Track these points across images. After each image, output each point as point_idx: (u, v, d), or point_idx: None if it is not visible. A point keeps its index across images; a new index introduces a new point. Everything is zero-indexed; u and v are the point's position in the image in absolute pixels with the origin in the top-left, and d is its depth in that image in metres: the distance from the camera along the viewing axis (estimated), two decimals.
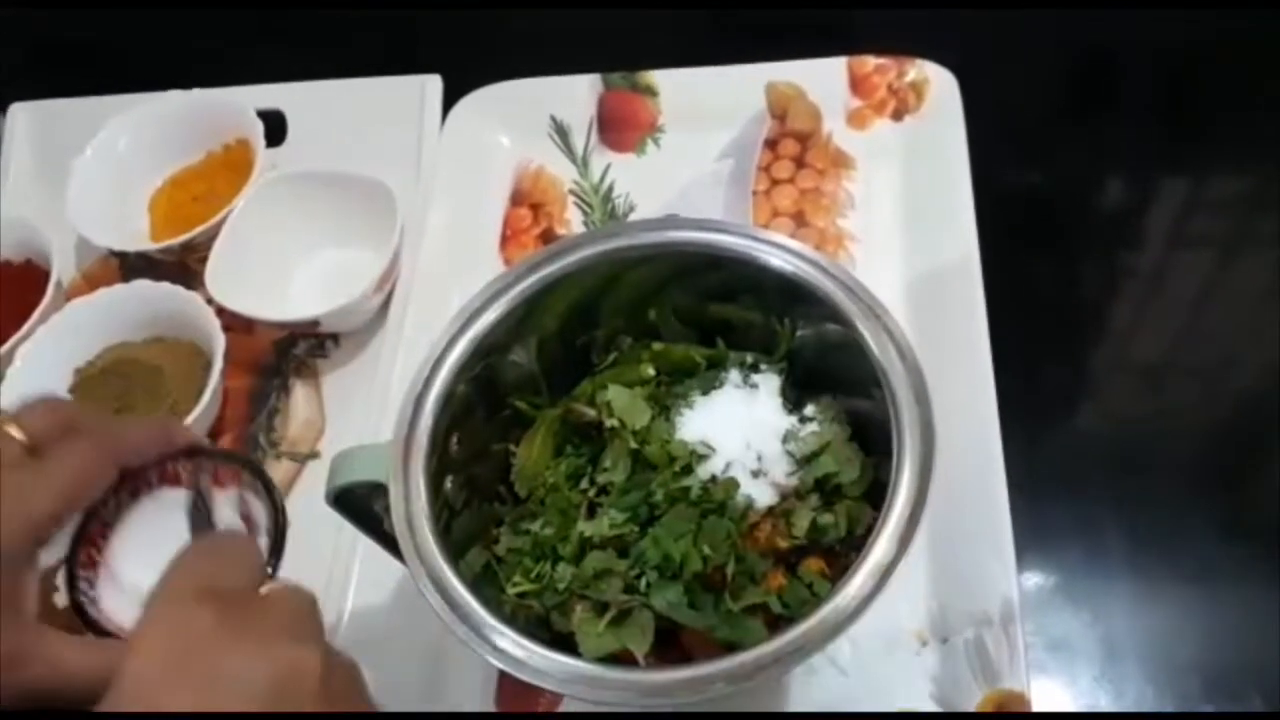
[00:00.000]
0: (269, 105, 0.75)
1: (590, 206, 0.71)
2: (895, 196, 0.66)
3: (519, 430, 0.50)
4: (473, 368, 0.47)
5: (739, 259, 0.47)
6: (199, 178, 0.75)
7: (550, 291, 0.48)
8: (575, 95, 0.73)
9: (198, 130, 0.75)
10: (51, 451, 0.41)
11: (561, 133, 0.73)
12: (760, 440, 0.46)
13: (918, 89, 0.68)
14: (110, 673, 0.31)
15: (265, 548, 0.45)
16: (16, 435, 0.41)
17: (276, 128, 0.75)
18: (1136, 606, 0.55)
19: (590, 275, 0.48)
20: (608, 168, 0.72)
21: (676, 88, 0.72)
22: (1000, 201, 0.63)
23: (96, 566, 0.46)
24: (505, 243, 0.70)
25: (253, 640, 0.32)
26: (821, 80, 0.70)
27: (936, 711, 0.51)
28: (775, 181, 0.69)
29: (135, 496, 0.47)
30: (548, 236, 0.70)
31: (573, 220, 0.70)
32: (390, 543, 0.45)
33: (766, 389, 0.48)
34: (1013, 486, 0.53)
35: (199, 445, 0.49)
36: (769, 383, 0.49)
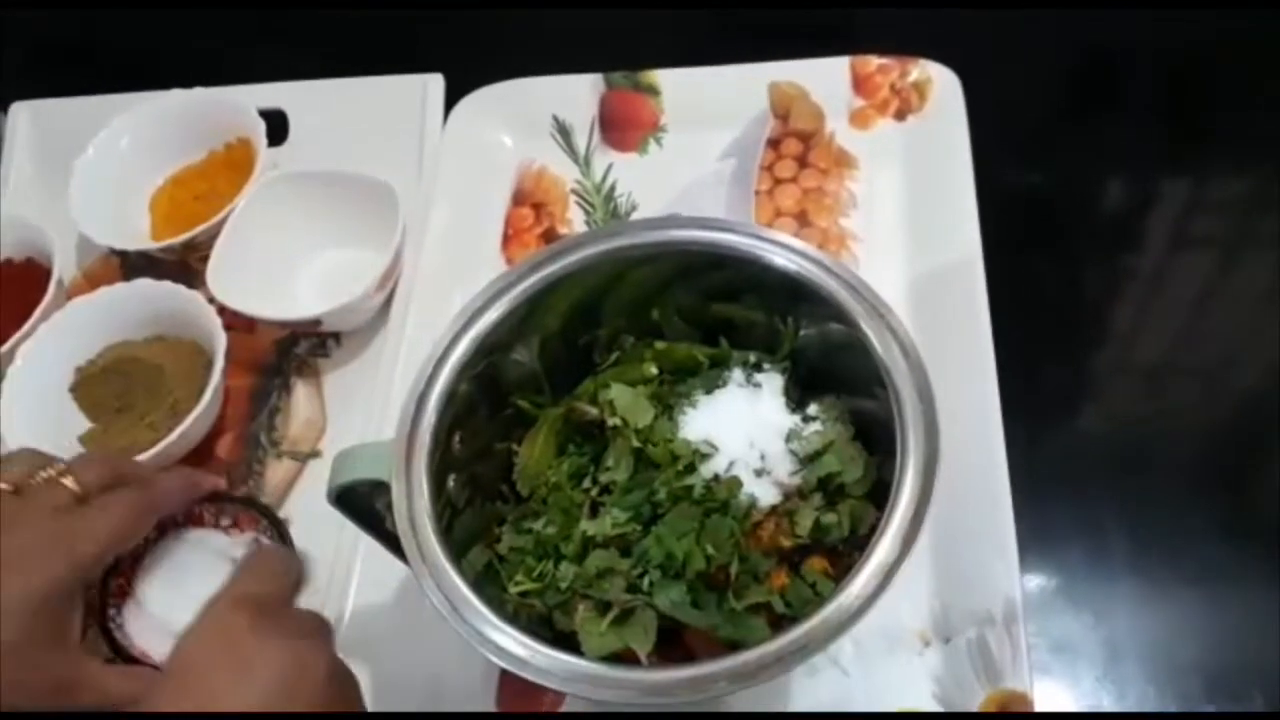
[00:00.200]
0: (271, 104, 0.75)
1: (592, 206, 0.71)
2: (898, 196, 0.66)
3: (521, 429, 0.50)
4: (475, 366, 0.47)
5: (742, 258, 0.47)
6: (200, 177, 0.75)
7: (553, 290, 0.48)
8: (577, 95, 0.73)
9: (199, 129, 0.75)
10: (98, 501, 0.47)
11: (563, 132, 0.73)
12: (763, 439, 0.46)
13: (920, 89, 0.68)
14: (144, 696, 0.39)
15: None
16: (70, 485, 0.47)
17: (278, 127, 0.75)
18: (1138, 607, 0.55)
19: (593, 274, 0.48)
20: (610, 167, 0.72)
21: (679, 87, 0.72)
22: (1002, 201, 0.63)
23: (125, 597, 0.53)
24: (507, 242, 0.70)
25: (277, 638, 0.39)
26: (824, 80, 0.70)
27: (939, 711, 0.51)
28: (778, 181, 0.69)
29: (162, 534, 0.54)
30: (550, 236, 0.70)
31: (575, 220, 0.70)
32: (392, 541, 0.45)
33: (770, 388, 0.48)
34: (1015, 486, 0.53)
35: (221, 491, 0.56)
36: (772, 382, 0.49)
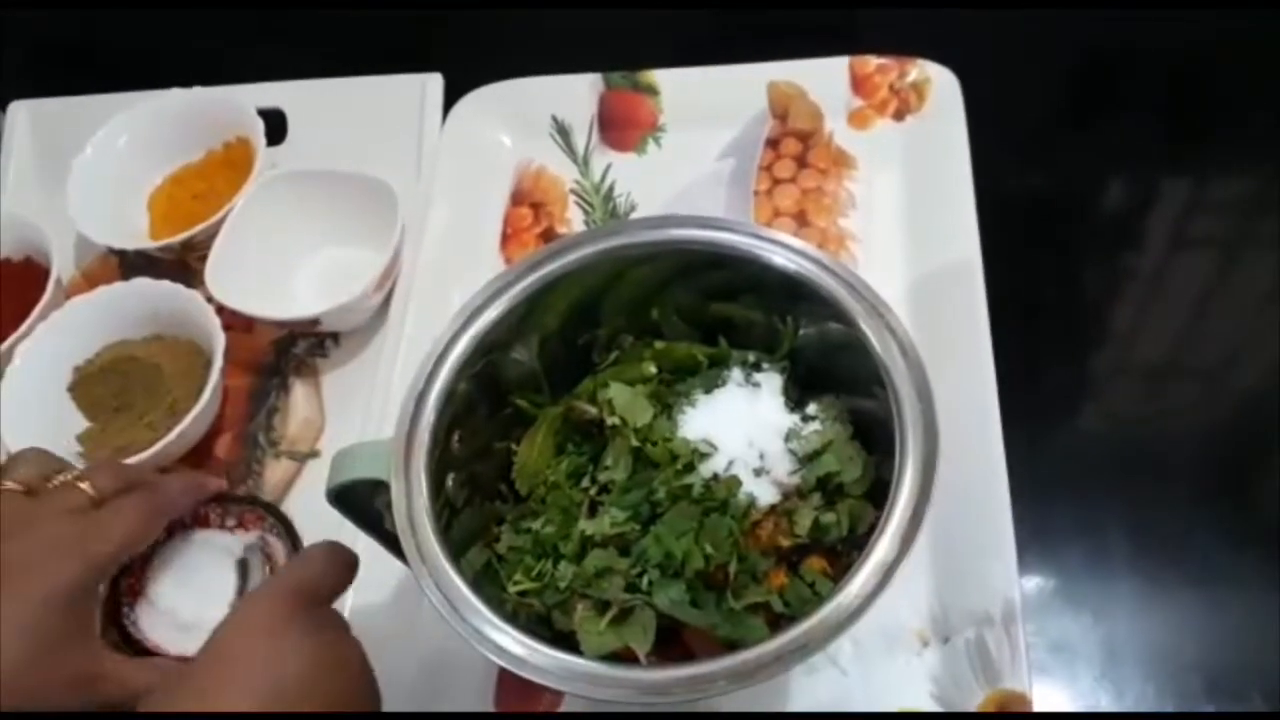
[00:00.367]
0: (269, 104, 0.75)
1: (591, 206, 0.71)
2: (897, 196, 0.66)
3: (520, 428, 0.50)
4: (474, 365, 0.47)
5: (741, 257, 0.47)
6: (199, 176, 0.75)
7: (552, 289, 0.48)
8: (576, 94, 0.73)
9: (198, 128, 0.75)
10: (112, 504, 0.48)
11: (562, 132, 0.73)
12: (762, 439, 0.46)
13: (919, 89, 0.68)
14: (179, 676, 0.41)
15: None
16: (86, 489, 0.48)
17: (277, 126, 0.75)
18: (1137, 607, 0.55)
19: (592, 273, 0.48)
20: (609, 167, 0.72)
21: (678, 87, 0.72)
22: (1001, 202, 0.63)
23: (137, 596, 0.55)
24: (506, 242, 0.70)
25: (315, 630, 0.42)
26: (823, 80, 0.70)
27: (937, 711, 0.51)
28: (777, 181, 0.69)
29: (170, 536, 0.56)
30: (548, 236, 0.70)
31: (573, 219, 0.70)
32: (390, 541, 0.45)
33: (769, 387, 0.48)
34: (1014, 487, 0.53)
35: (226, 492, 0.58)
36: (771, 381, 0.48)
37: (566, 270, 0.48)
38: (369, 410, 0.63)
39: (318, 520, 0.58)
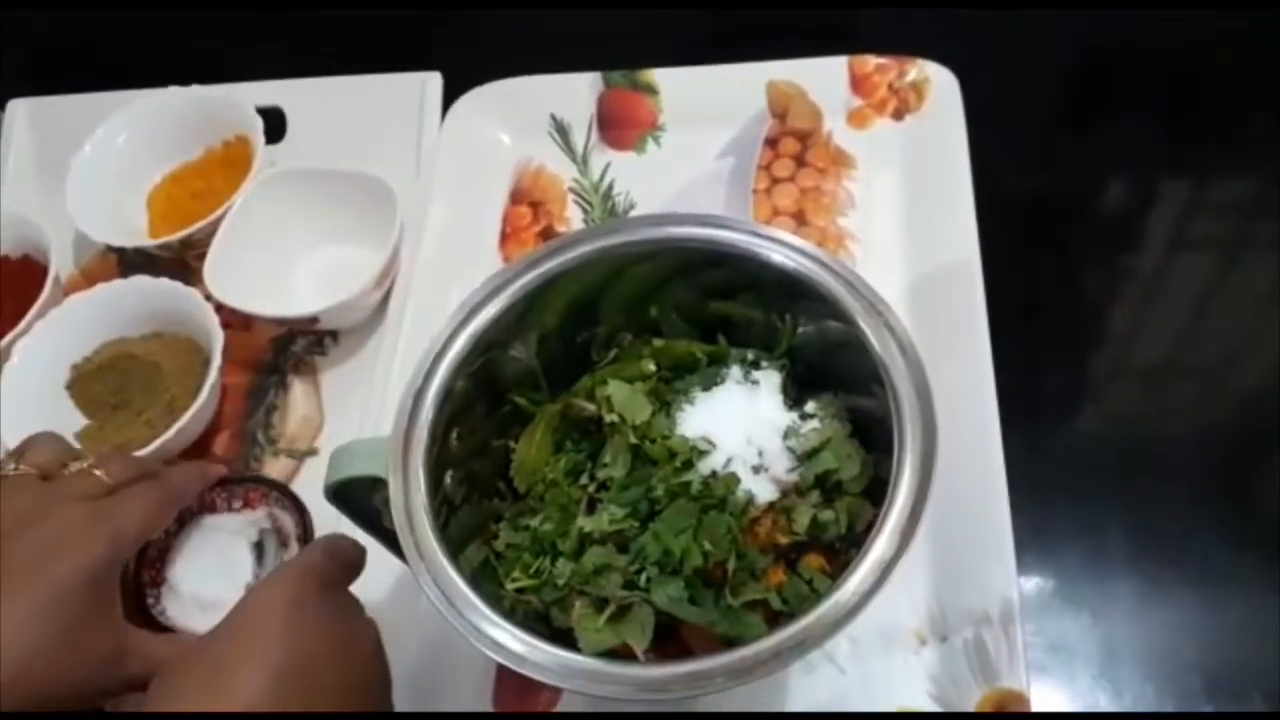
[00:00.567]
0: (268, 102, 0.75)
1: (590, 205, 0.71)
2: (896, 196, 0.66)
3: (518, 426, 0.50)
4: (472, 363, 0.47)
5: (740, 255, 0.47)
6: (198, 174, 0.75)
7: (550, 287, 0.48)
8: (575, 93, 0.73)
9: (197, 127, 0.75)
10: (126, 491, 0.49)
11: (561, 131, 0.73)
12: (761, 436, 0.46)
13: (918, 89, 0.68)
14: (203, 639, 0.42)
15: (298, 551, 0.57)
16: (102, 476, 0.49)
17: (276, 124, 0.75)
18: (1136, 607, 0.55)
19: (591, 271, 0.48)
20: (608, 166, 0.72)
21: (677, 86, 0.72)
22: (1001, 202, 0.63)
23: (159, 585, 0.57)
24: (505, 240, 0.70)
25: (332, 604, 0.43)
26: (822, 79, 0.70)
27: (935, 711, 0.51)
28: (775, 180, 0.69)
29: (182, 524, 0.58)
30: (547, 234, 0.70)
31: (572, 218, 0.70)
32: (388, 538, 0.45)
33: (767, 385, 0.48)
34: (1013, 486, 0.53)
35: (228, 475, 0.59)
36: (770, 379, 0.48)
37: (565, 268, 0.48)
38: (367, 408, 0.63)
39: (317, 517, 0.58)
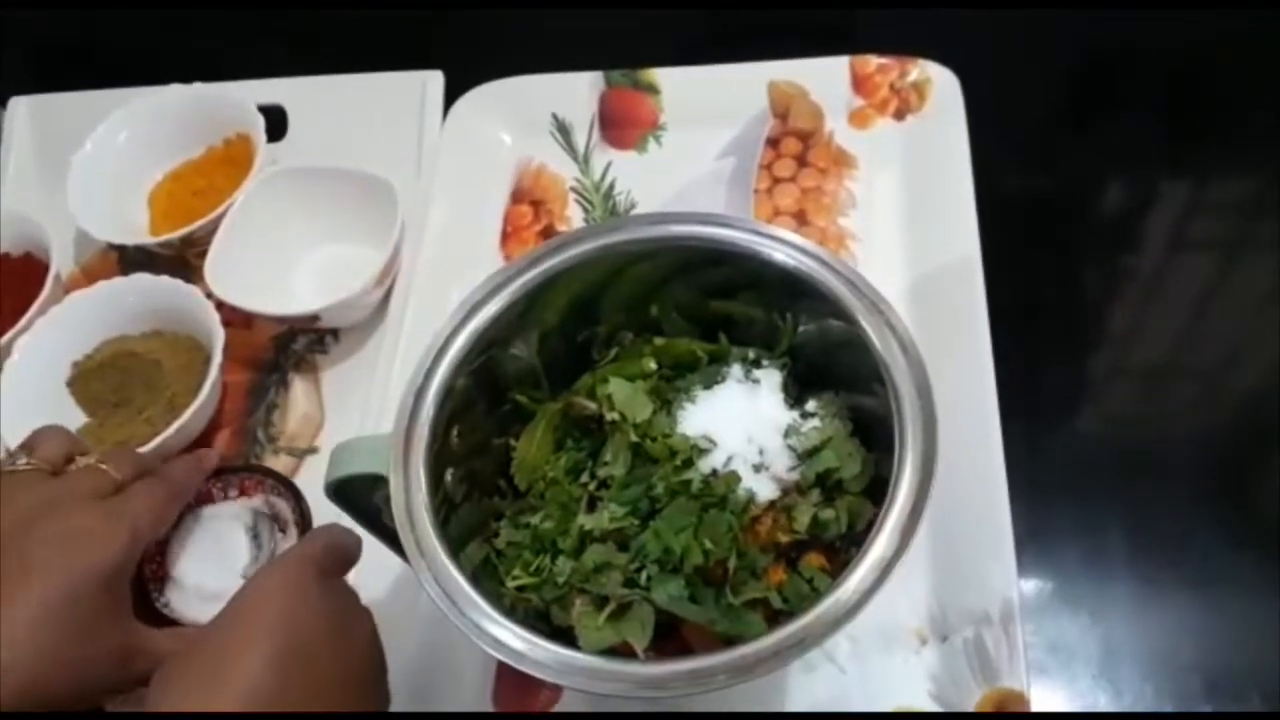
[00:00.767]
0: (270, 100, 0.75)
1: (591, 204, 0.71)
2: (897, 196, 0.66)
3: (519, 424, 0.50)
4: (473, 361, 0.47)
5: (741, 254, 0.47)
6: (199, 172, 0.75)
7: (551, 285, 0.48)
8: (577, 92, 0.73)
9: (198, 125, 0.75)
10: (133, 487, 0.50)
11: (563, 130, 0.73)
12: (762, 435, 0.46)
13: (920, 89, 0.68)
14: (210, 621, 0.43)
15: (296, 537, 0.58)
16: (111, 472, 0.49)
17: (277, 123, 0.75)
18: (1136, 607, 0.55)
19: (592, 270, 0.48)
20: (609, 165, 0.72)
21: (678, 85, 0.72)
22: (1001, 202, 0.63)
23: (163, 580, 0.57)
24: (506, 239, 0.70)
25: (334, 594, 0.44)
26: (824, 79, 0.70)
27: (935, 710, 0.51)
28: (777, 180, 0.69)
29: (180, 518, 0.57)
30: (548, 234, 0.70)
31: (573, 217, 0.70)
32: (389, 536, 0.45)
33: (768, 384, 0.48)
34: (1013, 486, 0.53)
35: (222, 465, 0.59)
36: (771, 378, 0.48)
37: (566, 266, 0.48)
38: (368, 406, 0.63)
39: (316, 515, 0.58)
